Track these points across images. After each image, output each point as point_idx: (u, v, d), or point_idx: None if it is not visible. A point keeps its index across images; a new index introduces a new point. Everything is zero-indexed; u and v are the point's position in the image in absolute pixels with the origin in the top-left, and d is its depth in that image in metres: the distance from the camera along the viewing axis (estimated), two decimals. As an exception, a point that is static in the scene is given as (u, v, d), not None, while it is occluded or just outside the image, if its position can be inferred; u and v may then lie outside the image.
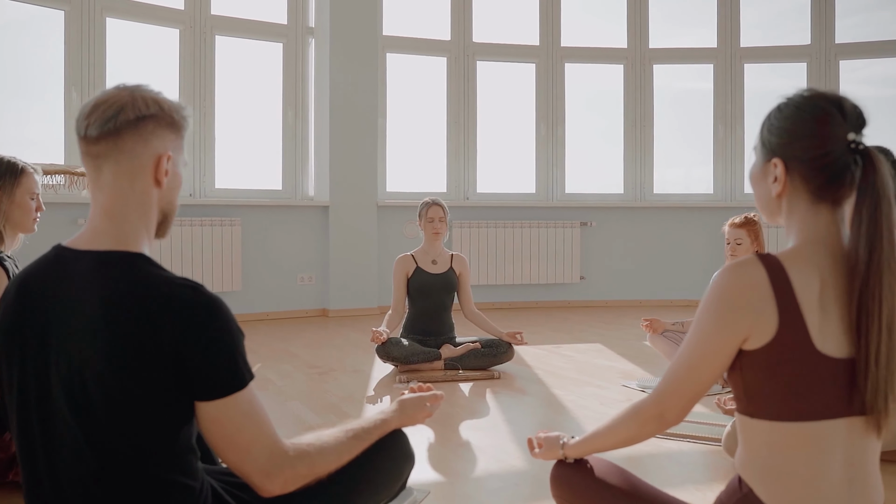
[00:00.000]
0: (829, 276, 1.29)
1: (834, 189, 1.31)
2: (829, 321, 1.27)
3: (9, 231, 2.44)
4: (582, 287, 7.15)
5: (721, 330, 1.30)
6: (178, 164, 1.43)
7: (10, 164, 2.43)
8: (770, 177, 1.37)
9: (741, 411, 1.35)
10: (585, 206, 7.17)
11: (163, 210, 1.42)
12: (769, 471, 1.31)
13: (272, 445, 1.34)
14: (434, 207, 4.27)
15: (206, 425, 1.31)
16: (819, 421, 1.28)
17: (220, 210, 6.11)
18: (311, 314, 6.46)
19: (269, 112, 6.60)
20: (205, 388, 1.28)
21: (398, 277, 4.25)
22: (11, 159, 2.45)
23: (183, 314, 1.26)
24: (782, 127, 1.35)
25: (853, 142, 1.29)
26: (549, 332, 5.54)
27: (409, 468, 1.66)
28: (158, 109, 1.36)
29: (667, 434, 2.87)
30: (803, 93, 1.36)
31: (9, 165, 2.43)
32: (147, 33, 6.07)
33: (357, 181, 6.55)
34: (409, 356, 3.99)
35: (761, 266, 1.30)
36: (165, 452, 1.30)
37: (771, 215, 1.43)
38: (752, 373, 1.30)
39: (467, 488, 2.37)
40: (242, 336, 1.33)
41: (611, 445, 1.55)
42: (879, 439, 1.33)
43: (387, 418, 1.62)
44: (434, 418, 3.15)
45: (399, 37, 6.94)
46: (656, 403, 1.41)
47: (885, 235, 1.27)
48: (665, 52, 7.37)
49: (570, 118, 7.32)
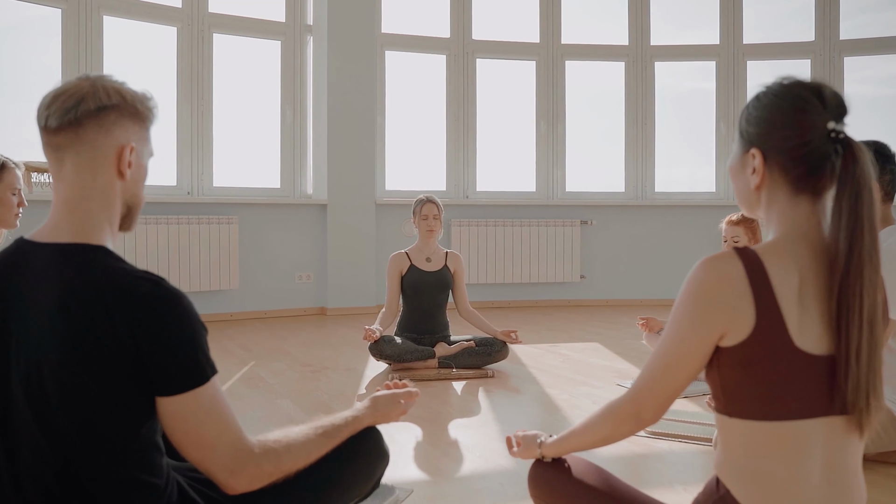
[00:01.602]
0: (809, 270, 1.25)
1: (814, 180, 1.27)
2: (809, 317, 1.23)
3: (-10, 226, 2.41)
4: (582, 286, 7.11)
5: (696, 327, 1.26)
6: (143, 155, 1.40)
7: None
8: (748, 168, 1.33)
9: (719, 410, 1.31)
10: (586, 205, 7.12)
11: (127, 203, 1.38)
12: (747, 472, 1.27)
13: (236, 442, 1.31)
14: (428, 205, 4.23)
15: (167, 421, 1.28)
16: (798, 420, 1.23)
17: (217, 208, 6.09)
18: (308, 313, 6.44)
19: (267, 110, 6.58)
20: (164, 383, 1.25)
21: (392, 275, 4.21)
22: None
23: (141, 308, 1.23)
24: (760, 116, 1.31)
25: (833, 131, 1.25)
26: (547, 332, 5.49)
27: (382, 466, 1.62)
28: (120, 100, 1.33)
29: (657, 434, 2.82)
30: (782, 81, 1.32)
31: None
32: (144, 31, 6.05)
33: (355, 179, 6.51)
34: (403, 354, 3.96)
35: (738, 260, 1.26)
36: (127, 449, 1.27)
37: (750, 208, 1.39)
38: (729, 370, 1.26)
39: (451, 488, 2.34)
40: (205, 330, 1.30)
41: (588, 445, 1.51)
42: (862, 439, 1.28)
43: (358, 415, 1.58)
44: (424, 416, 3.13)
45: (398, 34, 6.91)
46: (632, 402, 1.38)
47: (866, 227, 1.23)
48: (667, 50, 7.32)
49: (570, 116, 7.27)
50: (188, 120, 6.12)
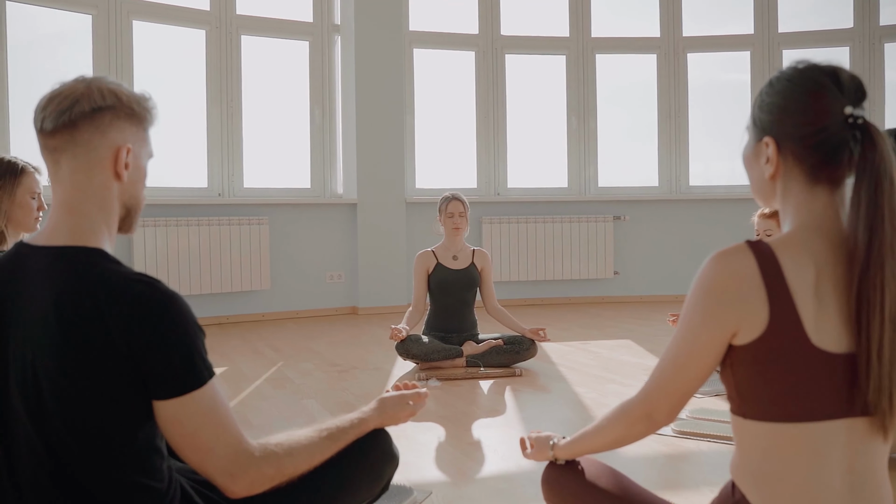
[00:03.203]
0: (826, 263, 1.18)
1: (831, 168, 1.20)
2: (827, 313, 1.16)
3: (10, 230, 2.44)
4: (616, 283, 7.01)
5: (708, 324, 1.20)
6: (142, 157, 1.39)
7: (10, 163, 2.43)
8: (762, 157, 1.27)
9: (734, 411, 1.25)
10: (619, 200, 7.02)
11: (125, 204, 1.37)
12: (763, 476, 1.21)
13: (236, 445, 1.29)
14: (454, 202, 4.20)
15: (165, 425, 1.27)
16: (816, 422, 1.17)
17: (248, 209, 6.12)
18: (340, 312, 6.44)
19: (296, 110, 6.60)
20: (160, 386, 1.24)
21: (418, 274, 4.19)
22: (12, 159, 2.45)
23: (135, 310, 1.21)
24: (773, 103, 1.25)
25: (851, 116, 1.18)
26: (579, 329, 5.42)
27: (391, 469, 1.59)
28: (116, 101, 1.32)
29: (685, 433, 2.75)
30: (797, 65, 1.25)
31: (9, 165, 2.43)
32: (173, 35, 6.11)
33: (385, 178, 6.50)
34: (430, 353, 3.93)
35: (750, 253, 1.20)
36: (125, 453, 1.26)
37: (765, 199, 1.32)
38: (742, 370, 1.20)
39: (471, 489, 2.30)
40: (202, 333, 1.28)
41: (600, 447, 1.46)
42: (887, 442, 1.21)
43: (365, 418, 1.55)
44: (448, 416, 3.10)
45: (426, 32, 6.88)
46: (644, 403, 1.32)
47: (887, 217, 1.15)
48: (700, 40, 7.17)
49: (601, 110, 7.17)
50: (218, 122, 6.17)
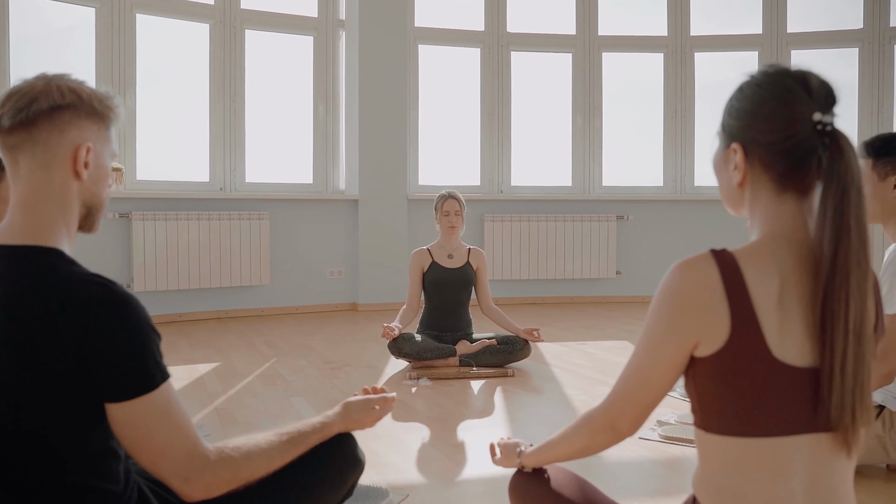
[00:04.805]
0: (792, 274, 1.15)
1: (799, 176, 1.17)
2: (790, 325, 1.13)
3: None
4: (618, 283, 6.96)
5: (669, 335, 1.18)
6: (103, 155, 1.37)
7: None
8: (730, 164, 1.24)
9: (697, 424, 1.22)
10: (622, 200, 6.98)
11: (86, 203, 1.35)
12: (724, 491, 1.18)
13: (190, 449, 1.28)
14: (450, 201, 4.17)
15: (117, 428, 1.25)
16: (779, 437, 1.14)
17: (249, 204, 6.12)
18: (340, 309, 6.43)
19: (299, 106, 6.58)
20: (112, 388, 1.22)
21: (413, 272, 4.17)
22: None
23: (87, 312, 1.20)
24: (741, 108, 1.22)
25: (819, 122, 1.14)
26: (579, 329, 5.39)
27: (355, 474, 1.57)
28: (76, 98, 1.30)
29: (671, 438, 2.72)
30: (767, 69, 1.22)
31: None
32: (177, 29, 6.10)
33: (388, 174, 6.48)
34: (422, 352, 3.91)
35: (714, 263, 1.17)
36: (77, 456, 1.25)
37: (734, 207, 1.29)
38: (704, 383, 1.17)
39: (449, 492, 2.28)
40: (157, 335, 1.27)
41: (565, 456, 1.44)
42: (850, 458, 1.18)
43: (328, 422, 1.53)
44: (436, 416, 3.08)
45: (431, 28, 6.85)
46: (606, 414, 1.30)
47: (854, 228, 1.12)
48: (707, 40, 7.11)
49: (607, 109, 7.12)
50: (221, 116, 6.16)
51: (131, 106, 5.75)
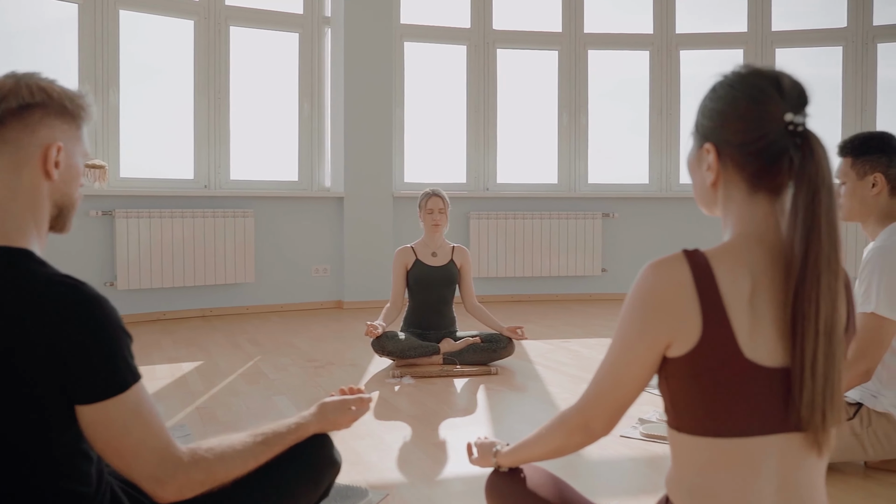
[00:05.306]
0: (764, 275, 1.16)
1: (771, 176, 1.18)
2: (762, 326, 1.13)
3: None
4: (604, 280, 6.98)
5: (642, 335, 1.18)
6: (74, 155, 1.35)
7: None
8: (704, 164, 1.25)
9: (669, 424, 1.23)
10: (608, 198, 6.99)
11: (56, 203, 1.34)
12: (696, 491, 1.18)
13: (162, 451, 1.27)
14: (433, 199, 4.16)
15: (88, 430, 1.24)
16: (750, 437, 1.14)
17: (234, 202, 6.09)
18: (325, 306, 6.42)
19: (284, 103, 6.55)
20: (82, 390, 1.21)
21: (397, 270, 4.16)
22: None
23: (56, 313, 1.18)
24: (714, 108, 1.22)
25: (791, 123, 1.14)
26: (564, 326, 5.39)
27: (330, 475, 1.57)
28: (46, 97, 1.29)
29: (654, 437, 2.73)
30: (739, 70, 1.22)
31: None
32: (161, 25, 6.06)
33: (373, 172, 6.47)
34: (405, 350, 3.90)
35: (686, 264, 1.17)
36: (47, 458, 1.23)
37: (708, 206, 1.30)
38: (677, 383, 1.18)
39: (429, 491, 2.27)
40: (127, 337, 1.25)
41: (540, 456, 1.44)
42: (821, 457, 1.18)
43: (303, 423, 1.53)
44: (418, 415, 3.08)
45: (417, 25, 6.83)
46: (580, 414, 1.30)
47: (824, 229, 1.12)
48: (693, 38, 7.13)
49: (593, 107, 7.13)
50: (205, 113, 6.13)
51: (115, 103, 5.71)
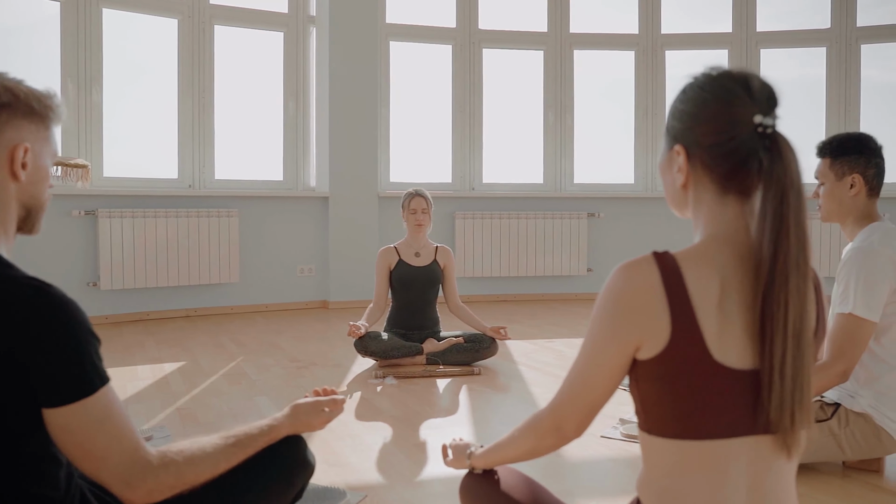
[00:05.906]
0: (733, 277, 1.16)
1: (740, 178, 1.18)
2: (731, 328, 1.13)
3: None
4: (589, 280, 6.99)
5: (611, 337, 1.17)
6: (42, 156, 1.34)
7: None
8: (674, 166, 1.25)
9: (640, 427, 1.22)
10: (594, 197, 7.00)
11: (24, 205, 1.33)
12: (666, 493, 1.18)
13: (131, 453, 1.26)
14: (416, 199, 4.15)
15: (56, 433, 1.23)
16: (719, 440, 1.14)
17: (218, 201, 6.06)
18: (311, 306, 6.40)
19: (269, 102, 6.53)
20: (48, 394, 1.20)
21: (380, 270, 4.15)
22: None
23: (21, 315, 1.17)
24: (684, 110, 1.23)
25: (760, 125, 1.15)
26: (549, 326, 5.40)
27: (303, 477, 1.56)
28: (12, 98, 1.28)
29: (633, 437, 2.73)
30: (710, 72, 1.22)
31: None
32: (145, 24, 6.02)
33: (358, 172, 6.45)
34: (388, 351, 3.89)
35: (655, 266, 1.17)
36: (15, 463, 1.22)
37: (678, 208, 1.30)
38: (646, 385, 1.17)
39: (408, 492, 2.27)
40: (95, 339, 1.24)
41: (513, 458, 1.44)
42: (791, 460, 1.18)
43: (276, 424, 1.52)
44: (399, 416, 3.07)
45: (402, 24, 6.82)
46: (552, 416, 1.30)
47: (793, 231, 1.12)
48: (678, 38, 7.15)
49: (579, 107, 7.14)
50: (189, 112, 6.09)
51: (98, 101, 5.67)
